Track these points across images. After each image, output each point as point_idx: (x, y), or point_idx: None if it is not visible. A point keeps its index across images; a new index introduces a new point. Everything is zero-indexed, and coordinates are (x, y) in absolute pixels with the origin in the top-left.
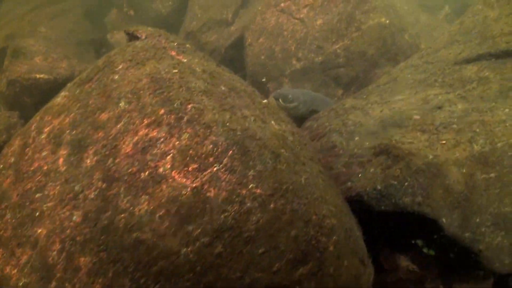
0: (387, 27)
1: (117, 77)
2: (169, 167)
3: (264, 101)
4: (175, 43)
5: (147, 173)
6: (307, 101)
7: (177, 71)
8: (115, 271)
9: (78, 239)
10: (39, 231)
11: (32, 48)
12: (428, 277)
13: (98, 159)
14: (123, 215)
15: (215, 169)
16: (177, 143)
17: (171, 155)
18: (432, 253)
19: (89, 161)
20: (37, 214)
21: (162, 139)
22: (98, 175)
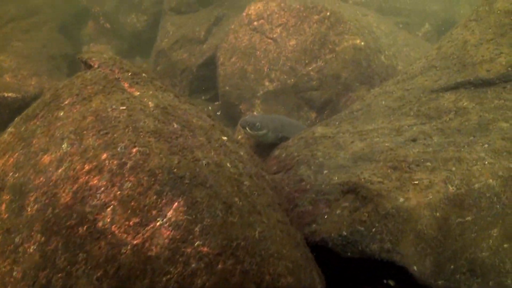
0: (362, 49)
1: (62, 113)
2: (109, 220)
3: (223, 137)
4: (129, 73)
5: (86, 227)
6: (276, 128)
7: (125, 108)
8: None
9: None
10: None
11: (3, 64)
12: None
13: (38, 207)
14: (60, 275)
15: (158, 223)
16: (119, 193)
17: (111, 207)
18: None
19: (29, 210)
20: None
21: (102, 188)
22: (37, 227)
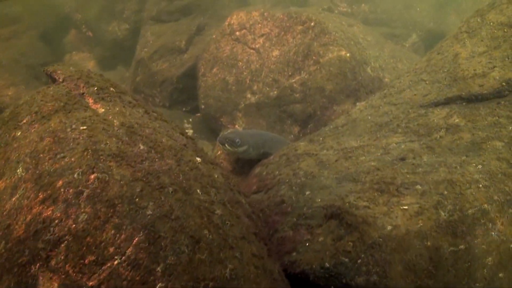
0: (347, 61)
1: (19, 133)
2: (62, 258)
3: (197, 158)
4: (95, 88)
5: (38, 265)
6: (258, 143)
7: (85, 127)
8: None
9: None
10: None
11: None
12: None
13: None
14: None
15: (116, 262)
16: (73, 226)
17: (65, 243)
18: None
19: None
20: None
21: (56, 221)
22: None
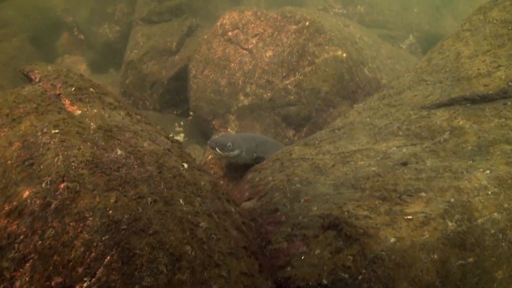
0: (344, 61)
1: None
2: (27, 280)
3: (181, 164)
4: (73, 88)
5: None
6: (250, 147)
7: (58, 131)
8: None
9: None
10: None
11: None
12: None
13: None
14: None
15: (85, 285)
16: (40, 243)
17: (30, 262)
18: None
19: None
20: None
21: (22, 237)
22: None
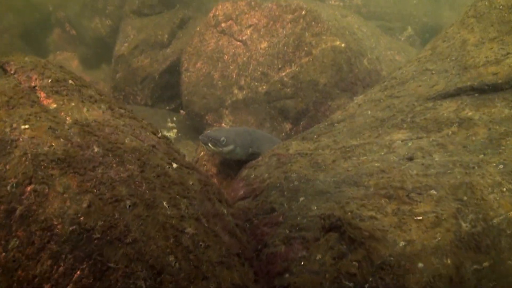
0: (342, 52)
1: None
2: None
3: (167, 162)
4: (50, 80)
5: None
6: (245, 143)
7: (28, 126)
8: None
9: None
10: None
11: None
12: None
13: None
14: None
15: None
16: (3, 255)
17: None
18: None
19: None
20: None
21: None
22: None
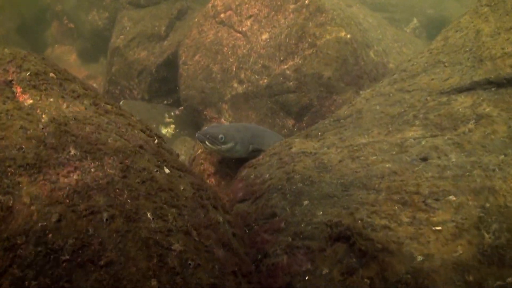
0: (348, 43)
1: None
2: None
3: (156, 165)
4: (28, 73)
5: None
6: (245, 139)
7: None
8: None
9: None
10: None
11: None
12: None
13: None
14: None
15: None
16: None
17: None
18: None
19: None
20: None
21: None
22: None
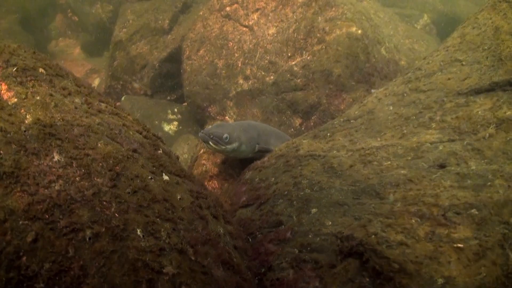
0: (359, 39)
1: None
2: None
3: (157, 175)
4: (15, 68)
5: None
6: (251, 138)
7: None
8: None
9: None
10: None
11: None
12: None
13: None
14: None
15: None
16: None
17: None
18: None
19: None
20: None
21: None
22: None
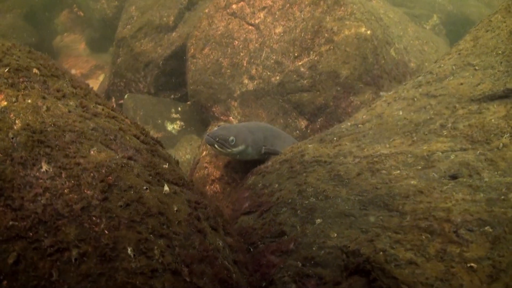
0: (368, 40)
1: None
2: None
3: (165, 189)
4: (7, 69)
5: None
6: (257, 141)
7: None
8: None
9: None
10: None
11: None
12: None
13: None
14: None
15: None
16: None
17: None
18: None
19: None
20: None
21: None
22: None
